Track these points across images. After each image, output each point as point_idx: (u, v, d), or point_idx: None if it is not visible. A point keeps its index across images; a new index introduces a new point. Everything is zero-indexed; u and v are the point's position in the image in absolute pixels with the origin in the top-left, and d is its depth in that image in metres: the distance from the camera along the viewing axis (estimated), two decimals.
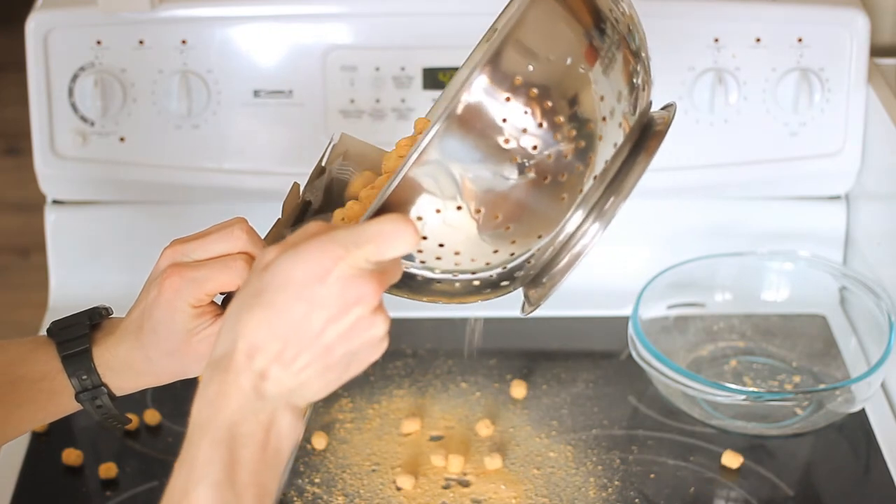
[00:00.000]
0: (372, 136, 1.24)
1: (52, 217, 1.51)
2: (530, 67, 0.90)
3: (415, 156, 0.89)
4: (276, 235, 1.05)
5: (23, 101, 1.47)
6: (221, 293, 1.01)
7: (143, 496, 1.28)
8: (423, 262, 0.94)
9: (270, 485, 0.87)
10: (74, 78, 1.43)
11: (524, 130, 0.91)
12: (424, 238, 0.92)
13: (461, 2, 1.24)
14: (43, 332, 1.46)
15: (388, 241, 0.86)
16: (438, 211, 0.91)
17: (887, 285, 1.42)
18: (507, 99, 0.90)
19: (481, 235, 0.93)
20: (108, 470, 1.30)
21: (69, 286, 1.52)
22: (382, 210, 0.90)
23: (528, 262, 0.97)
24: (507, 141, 0.90)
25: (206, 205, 1.50)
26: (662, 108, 1.02)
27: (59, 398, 1.03)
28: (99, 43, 1.42)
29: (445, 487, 1.28)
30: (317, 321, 0.85)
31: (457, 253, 0.94)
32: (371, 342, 0.88)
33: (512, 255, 0.95)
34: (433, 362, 1.44)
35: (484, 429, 1.34)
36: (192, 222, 1.50)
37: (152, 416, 1.36)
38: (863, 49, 1.45)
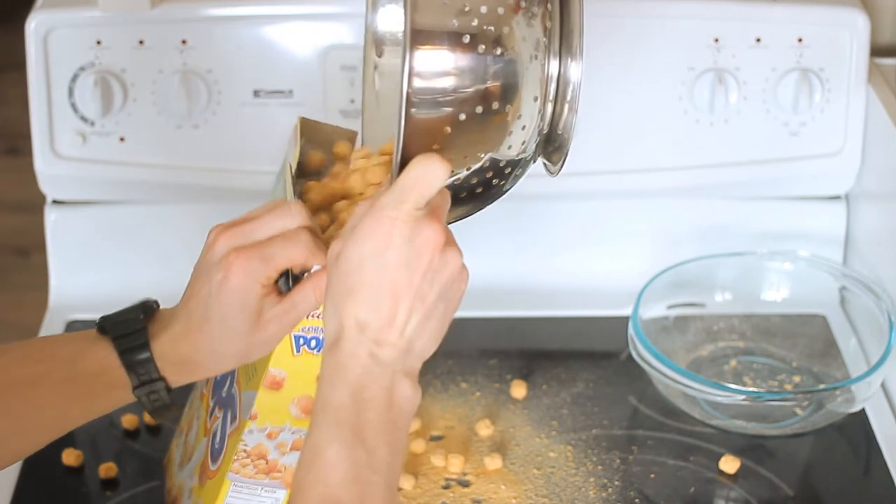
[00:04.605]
0: None
1: (52, 217, 1.51)
2: None
3: (404, 91, 0.93)
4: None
5: (23, 101, 1.47)
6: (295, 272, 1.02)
7: (142, 496, 1.28)
8: (455, 173, 0.98)
9: (399, 443, 0.94)
10: (74, 78, 1.43)
11: (477, 24, 0.94)
12: (450, 160, 0.95)
13: None
14: (43, 330, 1.48)
15: (425, 182, 0.92)
16: (448, 128, 0.95)
17: (887, 285, 1.42)
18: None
19: (490, 126, 0.97)
20: (108, 470, 1.30)
21: (69, 286, 1.52)
22: (404, 159, 0.94)
23: (539, 128, 1.01)
24: (468, 39, 0.94)
25: (206, 204, 1.49)
26: None
27: (115, 392, 1.03)
28: (99, 43, 1.42)
29: (445, 487, 1.28)
30: (402, 280, 0.93)
31: (479, 152, 0.98)
32: (453, 275, 0.95)
33: (524, 128, 0.98)
34: (433, 362, 1.42)
35: (484, 429, 1.34)
36: (192, 222, 1.51)
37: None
38: (863, 49, 1.45)
